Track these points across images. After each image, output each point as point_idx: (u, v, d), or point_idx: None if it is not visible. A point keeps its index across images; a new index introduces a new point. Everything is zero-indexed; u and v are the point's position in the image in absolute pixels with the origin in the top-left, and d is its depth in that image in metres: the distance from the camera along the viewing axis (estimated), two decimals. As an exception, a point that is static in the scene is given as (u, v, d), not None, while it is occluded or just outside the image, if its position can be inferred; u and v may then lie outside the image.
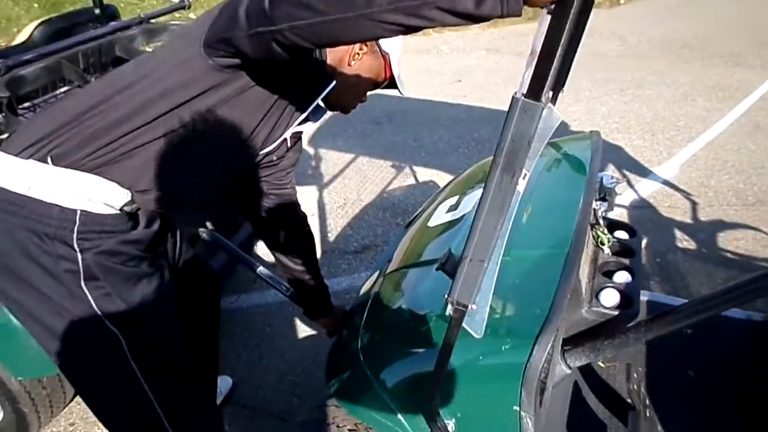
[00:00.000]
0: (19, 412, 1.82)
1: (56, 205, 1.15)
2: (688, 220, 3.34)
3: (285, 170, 1.51)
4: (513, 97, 0.87)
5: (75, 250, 1.17)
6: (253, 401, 2.21)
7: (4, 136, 1.22)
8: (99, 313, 1.21)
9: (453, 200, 1.89)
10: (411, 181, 3.91)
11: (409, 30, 0.88)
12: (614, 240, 1.70)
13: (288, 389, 2.26)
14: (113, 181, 1.18)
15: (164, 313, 1.35)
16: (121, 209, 1.20)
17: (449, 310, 1.09)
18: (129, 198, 1.21)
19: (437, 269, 1.16)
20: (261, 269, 1.86)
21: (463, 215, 1.73)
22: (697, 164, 3.95)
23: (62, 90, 2.22)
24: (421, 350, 1.38)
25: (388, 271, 1.70)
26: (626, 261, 1.64)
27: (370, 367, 1.43)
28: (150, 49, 2.16)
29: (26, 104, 2.02)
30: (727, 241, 3.12)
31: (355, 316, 1.63)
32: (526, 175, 1.55)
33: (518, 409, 1.19)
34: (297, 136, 1.42)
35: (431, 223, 1.82)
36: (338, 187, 3.84)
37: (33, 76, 1.79)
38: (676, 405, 1.76)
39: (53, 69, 1.86)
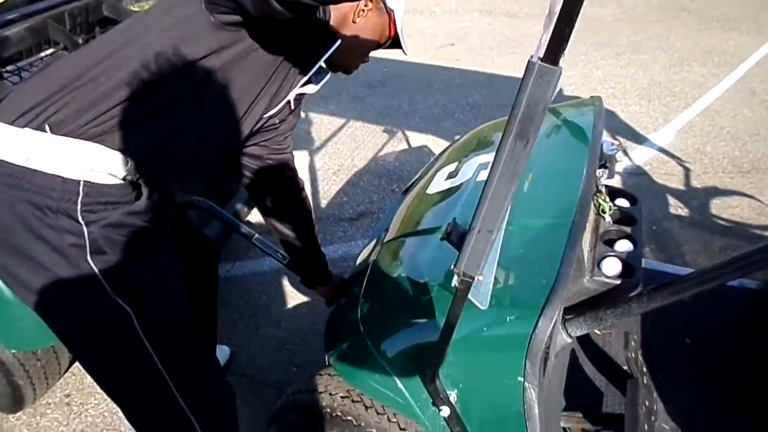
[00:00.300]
0: (13, 384, 1.80)
1: (58, 176, 1.09)
2: (684, 188, 3.33)
3: (284, 134, 1.47)
4: (529, 61, 0.83)
5: (80, 223, 1.11)
6: (250, 370, 2.20)
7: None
8: (108, 288, 1.16)
9: (452, 167, 1.86)
10: (405, 146, 3.86)
11: None
12: (615, 208, 1.68)
13: (286, 358, 2.25)
14: (115, 149, 1.12)
15: (173, 285, 1.31)
16: (124, 179, 1.15)
17: (455, 281, 1.06)
18: (132, 167, 1.15)
19: (442, 239, 1.13)
20: (257, 237, 1.83)
21: (463, 182, 1.70)
22: (693, 131, 3.93)
23: (48, 52, 2.14)
24: (422, 320, 1.36)
25: (386, 239, 1.68)
26: (627, 229, 1.62)
27: (371, 336, 1.41)
28: (137, 9, 2.08)
29: (10, 67, 1.94)
30: (722, 208, 3.12)
31: (354, 285, 1.61)
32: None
33: (522, 379, 1.19)
34: (299, 99, 1.38)
35: (430, 191, 1.79)
36: (331, 152, 3.79)
37: (17, 38, 1.70)
38: (673, 372, 1.77)
39: (38, 30, 1.77)
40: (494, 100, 4.39)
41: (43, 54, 2.13)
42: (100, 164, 1.11)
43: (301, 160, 3.61)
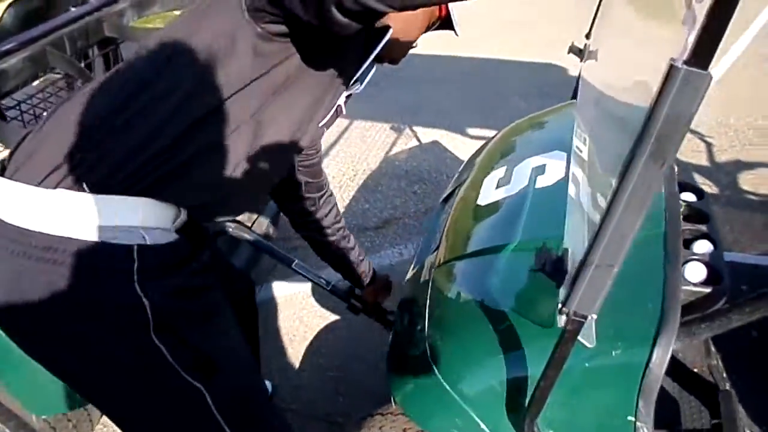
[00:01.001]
0: (43, 449, 1.65)
1: (105, 244, 0.93)
2: (710, 164, 3.20)
3: (320, 138, 1.35)
4: (671, 65, 0.68)
5: (138, 295, 0.95)
6: (296, 404, 2.06)
7: (5, 153, 0.98)
8: (177, 368, 1.00)
9: (500, 172, 1.71)
10: (418, 143, 3.70)
11: None
12: (684, 204, 1.55)
13: (330, 387, 2.11)
14: (165, 201, 0.97)
15: (239, 346, 1.15)
16: (177, 231, 1.00)
17: (562, 321, 0.92)
18: (184, 216, 1.00)
19: (535, 271, 0.99)
20: (297, 263, 1.69)
21: (519, 191, 1.55)
22: (712, 104, 3.79)
23: (42, 79, 1.96)
24: (502, 355, 1.22)
25: (441, 260, 1.53)
26: (703, 227, 1.48)
27: (444, 375, 1.27)
28: (141, 26, 1.91)
29: (7, 101, 1.77)
30: (755, 183, 3.00)
31: (413, 315, 1.46)
32: (586, 140, 1.36)
33: (633, 419, 1.05)
34: (346, 101, 1.24)
35: (482, 201, 1.64)
36: (343, 156, 3.63)
37: (15, 70, 1.51)
38: (745, 368, 1.65)
39: (37, 58, 1.59)
40: (507, 88, 4.22)
41: (36, 82, 1.95)
42: (151, 221, 0.95)
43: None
